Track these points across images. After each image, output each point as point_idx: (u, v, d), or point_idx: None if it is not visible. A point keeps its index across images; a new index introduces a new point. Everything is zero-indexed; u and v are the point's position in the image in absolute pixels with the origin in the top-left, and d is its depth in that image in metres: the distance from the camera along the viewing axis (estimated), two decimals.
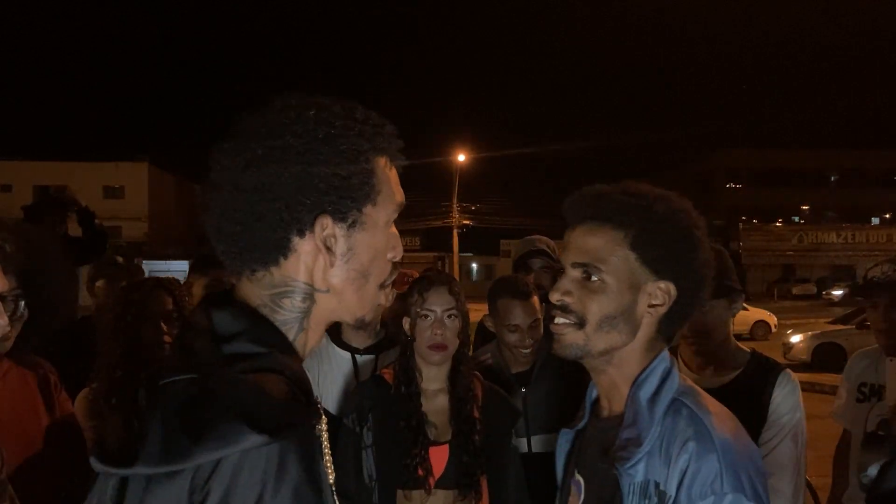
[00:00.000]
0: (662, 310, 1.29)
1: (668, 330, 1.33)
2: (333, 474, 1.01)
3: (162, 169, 48.18)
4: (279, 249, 0.95)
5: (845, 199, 46.63)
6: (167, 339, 2.25)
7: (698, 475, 1.16)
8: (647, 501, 1.20)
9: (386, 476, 2.07)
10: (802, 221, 46.54)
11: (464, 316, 2.20)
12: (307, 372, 2.67)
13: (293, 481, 0.81)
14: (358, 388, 2.28)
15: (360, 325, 0.93)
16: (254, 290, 0.97)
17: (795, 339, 14.31)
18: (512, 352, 2.62)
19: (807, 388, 10.93)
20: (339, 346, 2.61)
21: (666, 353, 1.32)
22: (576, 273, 1.30)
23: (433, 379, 2.16)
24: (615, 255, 1.28)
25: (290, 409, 0.86)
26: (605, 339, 1.28)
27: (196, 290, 2.69)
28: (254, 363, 0.88)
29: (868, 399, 2.50)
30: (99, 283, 3.70)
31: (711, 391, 2.00)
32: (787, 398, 2.02)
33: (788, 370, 2.10)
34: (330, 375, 2.55)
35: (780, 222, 44.70)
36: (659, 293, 1.28)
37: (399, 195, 1.06)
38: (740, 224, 42.21)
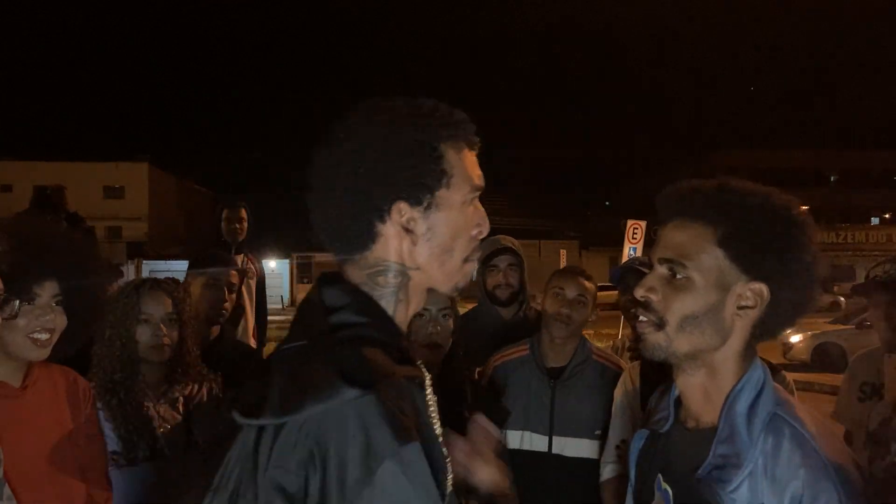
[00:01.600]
0: (754, 313, 1.22)
1: (764, 337, 1.25)
2: (438, 426, 1.14)
3: (162, 169, 48.13)
4: (367, 235, 1.09)
5: (845, 199, 46.62)
6: (165, 340, 2.25)
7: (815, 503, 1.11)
8: None
9: None
10: None
11: (457, 315, 2.21)
12: None
13: (382, 434, 0.94)
14: None
15: (454, 292, 1.06)
16: (354, 272, 1.12)
17: (795, 338, 14.30)
18: (552, 340, 2.63)
19: (807, 387, 10.96)
20: None
21: (759, 361, 1.26)
22: (662, 269, 1.25)
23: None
24: (702, 252, 1.22)
25: (379, 367, 0.99)
26: (689, 340, 1.22)
27: (195, 290, 2.68)
28: (354, 331, 1.04)
29: (869, 398, 2.51)
30: None
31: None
32: None
33: (783, 372, 2.10)
34: None
35: None
36: (750, 295, 1.21)
37: (476, 177, 1.14)
38: None
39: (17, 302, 1.68)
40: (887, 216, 47.45)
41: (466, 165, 1.12)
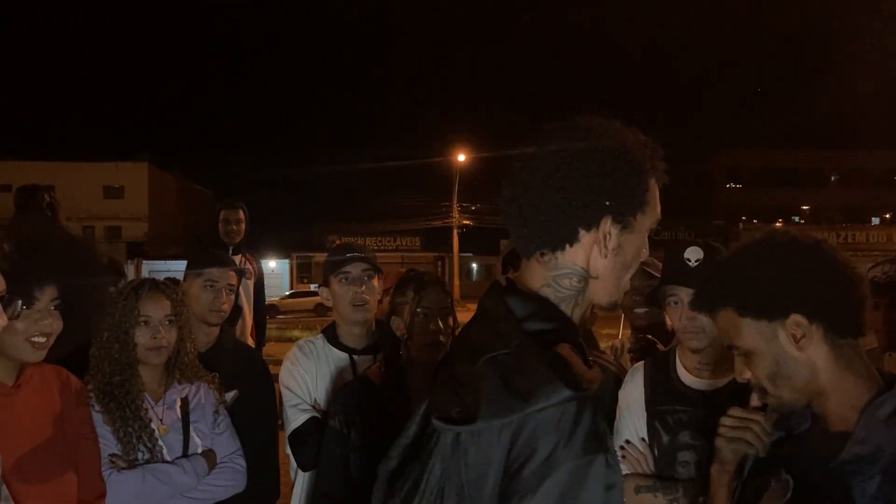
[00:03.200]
0: (816, 334, 1.33)
1: (843, 338, 1.36)
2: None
3: (162, 169, 48.13)
4: (568, 238, 1.18)
5: (845, 199, 46.62)
6: (164, 343, 2.24)
7: None
8: None
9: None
10: (802, 221, 46.53)
11: (454, 315, 2.23)
12: (306, 374, 2.66)
13: (584, 432, 1.03)
14: (343, 390, 2.24)
15: (612, 308, 1.24)
16: (539, 271, 1.20)
17: None
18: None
19: None
20: (336, 346, 2.61)
21: None
22: (736, 353, 1.42)
23: (421, 378, 2.15)
24: (738, 328, 1.38)
25: (584, 372, 1.07)
26: (787, 388, 1.37)
27: (193, 291, 2.67)
28: (549, 336, 1.11)
29: None
30: None
31: (709, 393, 2.00)
32: None
33: None
34: (328, 376, 2.54)
35: (780, 222, 44.66)
36: (795, 329, 1.33)
37: (658, 211, 1.25)
38: (740, 224, 42.18)
39: (20, 302, 1.68)
40: (887, 216, 47.43)
41: (657, 198, 1.24)
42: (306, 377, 2.53)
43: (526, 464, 1.04)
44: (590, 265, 1.19)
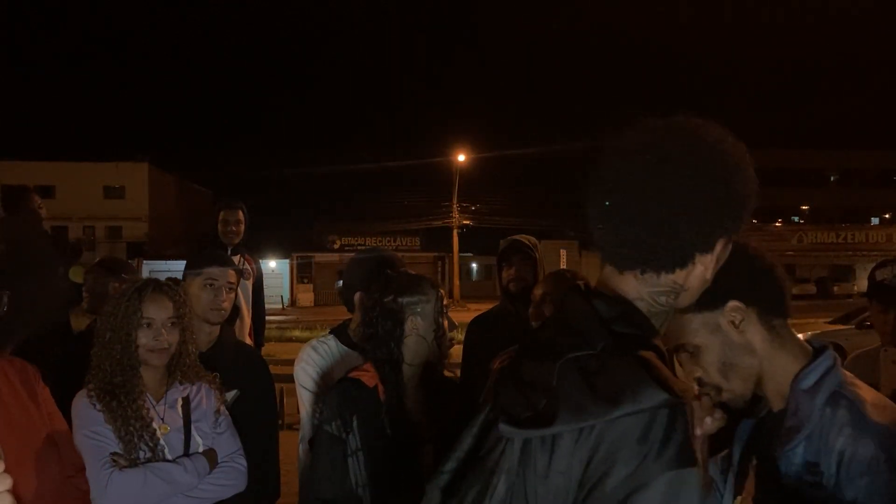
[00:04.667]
0: (751, 318, 1.40)
1: (773, 319, 1.42)
2: None
3: (162, 169, 48.13)
4: (682, 262, 1.10)
5: (845, 199, 46.62)
6: (166, 344, 2.24)
7: (855, 457, 1.27)
8: (807, 478, 1.32)
9: (378, 481, 2.02)
10: (802, 221, 46.54)
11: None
12: (322, 372, 2.63)
13: (677, 444, 0.95)
14: (336, 393, 2.15)
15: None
16: (634, 285, 1.12)
17: None
18: None
19: None
20: (348, 345, 2.60)
21: (830, 353, 1.42)
22: (684, 355, 1.46)
23: (415, 378, 2.16)
24: (683, 325, 1.42)
25: (676, 380, 1.01)
26: (737, 378, 1.42)
27: (193, 291, 2.67)
28: (637, 341, 1.05)
29: None
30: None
31: None
32: None
33: None
34: (340, 375, 2.54)
35: (780, 222, 44.69)
36: (735, 315, 1.40)
37: None
38: None
39: (6, 297, 1.67)
40: (887, 216, 47.43)
41: None
42: (324, 377, 2.53)
43: (607, 476, 0.96)
44: (688, 281, 1.13)
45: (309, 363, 2.58)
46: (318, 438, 2.12)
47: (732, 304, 1.39)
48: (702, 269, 1.12)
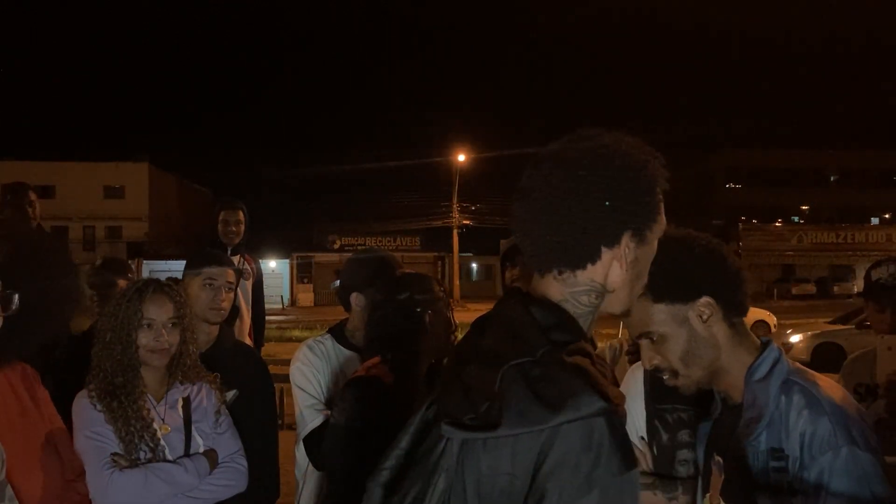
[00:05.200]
0: (718, 314, 1.49)
1: (735, 316, 1.52)
2: None
3: (162, 169, 48.14)
4: (590, 257, 1.16)
5: (845, 199, 46.63)
6: (166, 345, 2.24)
7: (815, 436, 1.37)
8: (772, 463, 1.41)
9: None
10: (802, 221, 46.53)
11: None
12: (318, 373, 2.64)
13: (618, 449, 1.00)
14: (355, 390, 2.16)
15: (626, 315, 1.35)
16: (556, 287, 1.18)
17: (795, 338, 14.31)
18: None
19: None
20: (345, 346, 2.60)
21: (774, 346, 1.52)
22: (645, 341, 1.53)
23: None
24: (651, 315, 1.50)
25: (611, 387, 1.06)
26: (697, 367, 1.50)
27: (193, 291, 2.67)
28: (571, 348, 1.09)
29: (864, 399, 2.51)
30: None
31: (706, 391, 2.01)
32: None
33: None
34: (340, 376, 2.54)
35: (779, 222, 44.68)
36: (703, 310, 1.49)
37: (664, 219, 1.26)
38: (740, 224, 42.18)
39: (17, 297, 1.67)
40: (887, 216, 47.44)
41: (663, 206, 1.25)
42: (319, 377, 2.53)
43: (557, 481, 1.00)
44: (607, 280, 1.19)
45: (305, 363, 2.58)
46: (342, 435, 2.11)
47: (705, 299, 1.48)
48: (617, 266, 1.18)
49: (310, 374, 2.53)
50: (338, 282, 2.77)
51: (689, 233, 1.55)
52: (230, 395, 2.51)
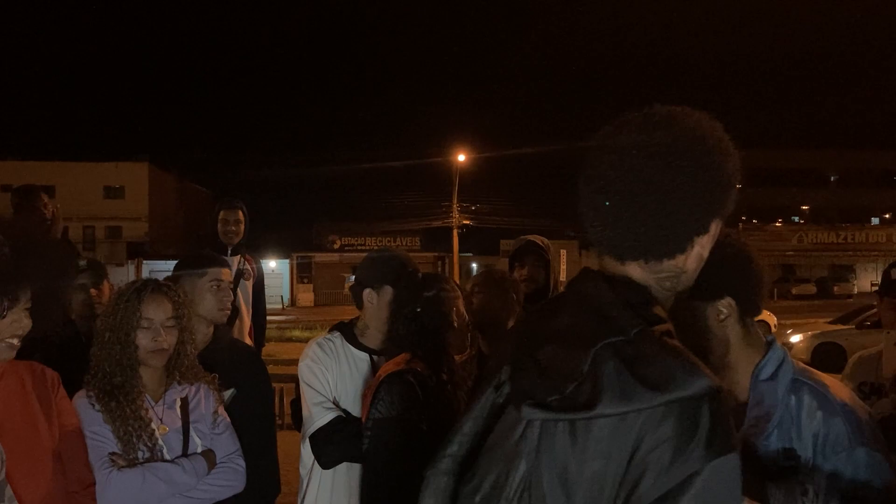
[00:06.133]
0: (734, 315, 1.51)
1: (748, 317, 1.53)
2: None
3: (162, 169, 48.14)
4: (681, 246, 1.12)
5: (845, 199, 46.61)
6: (165, 345, 2.24)
7: (829, 437, 1.39)
8: (784, 463, 1.42)
9: None
10: (802, 221, 46.53)
11: None
12: (327, 372, 2.64)
13: (723, 430, 0.96)
14: (399, 385, 2.18)
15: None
16: (640, 273, 1.14)
17: (795, 338, 14.32)
18: None
19: None
20: (356, 347, 2.61)
21: (778, 346, 1.54)
22: None
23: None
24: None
25: (707, 367, 1.01)
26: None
27: (199, 293, 2.67)
28: (661, 328, 1.06)
29: (868, 397, 2.51)
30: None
31: None
32: None
33: None
34: (348, 376, 2.54)
35: (779, 222, 44.70)
36: (723, 310, 1.50)
37: None
38: (740, 224, 42.18)
39: (7, 302, 1.68)
40: (887, 216, 47.43)
41: None
42: (328, 375, 2.53)
43: (657, 463, 0.96)
44: (687, 263, 1.16)
45: (314, 360, 2.58)
46: (389, 428, 2.13)
47: (728, 300, 1.50)
48: (699, 250, 1.16)
49: (318, 372, 2.53)
50: (352, 277, 2.80)
51: (724, 231, 1.53)
52: (228, 394, 2.50)
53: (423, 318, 2.29)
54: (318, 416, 2.46)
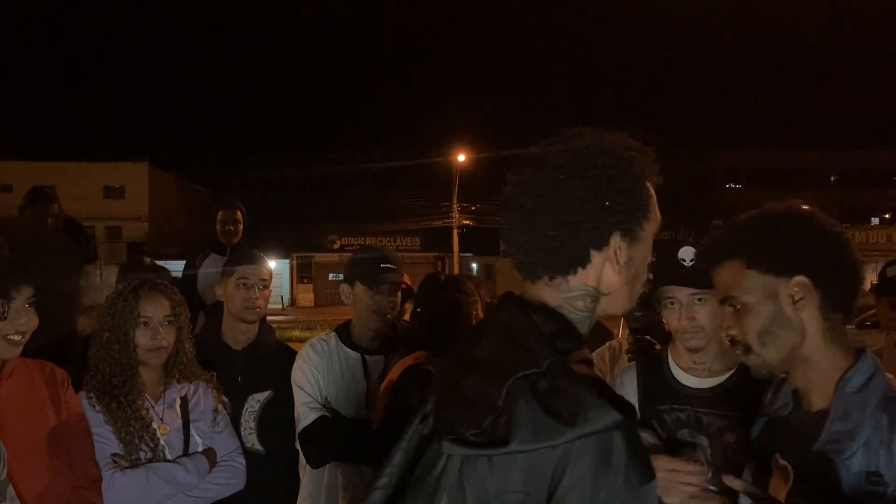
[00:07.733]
0: (812, 301, 1.39)
1: (834, 312, 1.41)
2: None
3: (162, 169, 48.13)
4: (579, 261, 1.13)
5: (845, 199, 46.59)
6: (164, 343, 2.24)
7: None
8: (867, 487, 1.30)
9: None
10: None
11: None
12: (317, 372, 2.67)
13: (637, 462, 0.97)
14: (410, 376, 2.23)
15: (627, 314, 1.28)
16: (550, 293, 1.15)
17: None
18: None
19: None
20: (348, 346, 2.62)
21: (869, 355, 1.42)
22: (726, 307, 1.47)
23: None
24: (741, 280, 1.43)
25: (620, 396, 1.02)
26: (774, 348, 1.41)
27: (227, 290, 2.74)
28: (575, 356, 1.06)
29: None
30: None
31: (705, 391, 2.01)
32: None
33: None
34: (339, 376, 2.56)
35: None
36: (796, 289, 1.39)
37: (658, 214, 1.21)
38: None
39: (4, 302, 1.68)
40: (887, 216, 47.43)
41: (656, 202, 1.21)
42: (317, 375, 2.55)
43: (577, 499, 0.97)
44: (601, 283, 1.15)
45: (306, 360, 2.60)
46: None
47: (800, 278, 1.38)
48: (610, 268, 1.15)
49: (308, 372, 2.55)
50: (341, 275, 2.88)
51: (815, 212, 1.48)
52: (264, 395, 2.55)
53: (441, 319, 2.33)
54: (303, 417, 2.48)
